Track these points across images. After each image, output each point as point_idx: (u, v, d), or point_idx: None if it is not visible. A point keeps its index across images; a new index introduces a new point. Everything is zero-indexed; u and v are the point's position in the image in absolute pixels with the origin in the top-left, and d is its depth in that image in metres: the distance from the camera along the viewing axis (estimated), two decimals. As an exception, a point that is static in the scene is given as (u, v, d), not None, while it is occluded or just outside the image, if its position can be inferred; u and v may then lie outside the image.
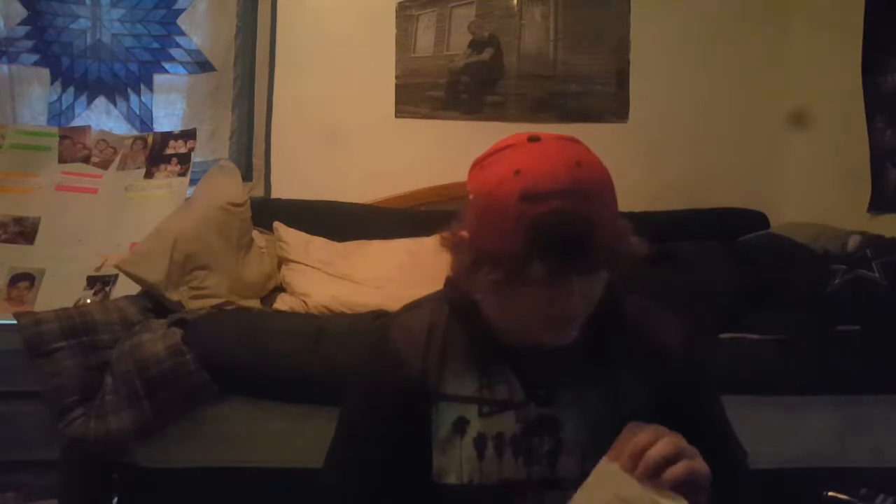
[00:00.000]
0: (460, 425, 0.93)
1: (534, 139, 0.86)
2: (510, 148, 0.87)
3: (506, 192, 0.81)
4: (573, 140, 0.88)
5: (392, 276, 2.40)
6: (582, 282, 0.84)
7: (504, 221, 0.81)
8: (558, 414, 0.93)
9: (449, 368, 0.95)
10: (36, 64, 2.81)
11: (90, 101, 2.88)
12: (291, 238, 2.57)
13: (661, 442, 0.79)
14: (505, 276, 0.83)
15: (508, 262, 0.82)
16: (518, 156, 0.85)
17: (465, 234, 0.89)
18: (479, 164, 0.89)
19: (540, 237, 0.79)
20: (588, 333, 0.90)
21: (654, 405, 0.92)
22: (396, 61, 3.07)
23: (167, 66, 2.93)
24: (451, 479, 0.92)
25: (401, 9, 3.06)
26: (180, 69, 2.94)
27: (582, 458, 0.91)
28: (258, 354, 1.78)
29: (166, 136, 2.68)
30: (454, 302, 0.99)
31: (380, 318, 1.91)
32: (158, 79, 2.93)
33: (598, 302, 0.89)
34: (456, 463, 0.93)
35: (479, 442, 0.93)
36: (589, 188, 0.82)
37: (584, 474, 0.86)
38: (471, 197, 0.87)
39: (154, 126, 2.90)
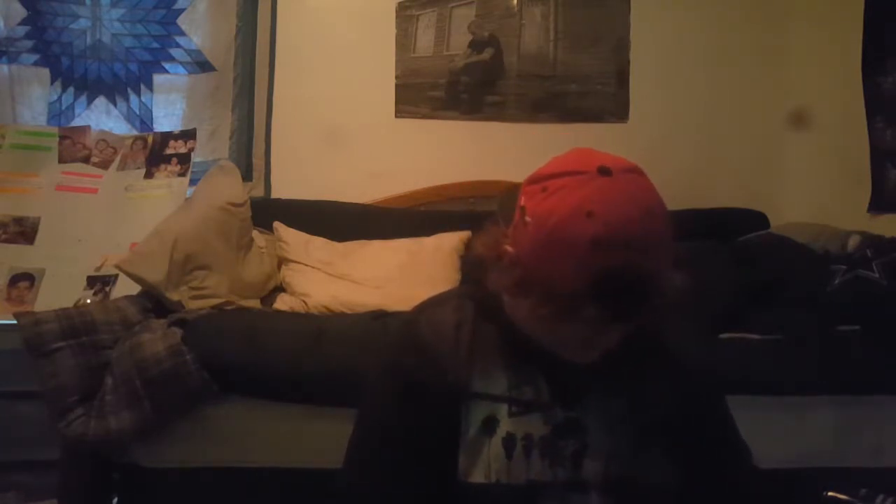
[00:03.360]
0: (490, 424, 0.93)
1: (604, 171, 0.82)
2: (578, 177, 0.82)
3: (576, 233, 0.79)
4: (640, 174, 0.85)
5: (392, 276, 2.40)
6: (625, 325, 0.85)
7: (569, 262, 0.79)
8: (583, 418, 0.93)
9: (478, 366, 0.95)
10: (36, 64, 2.81)
11: (90, 101, 2.88)
12: (291, 238, 2.57)
13: None
14: (554, 311, 0.83)
15: (562, 300, 0.81)
16: (589, 193, 0.81)
17: (510, 249, 0.86)
18: (541, 186, 0.84)
19: (603, 286, 0.79)
20: (614, 347, 0.90)
21: (673, 415, 0.94)
22: (396, 61, 3.07)
23: (167, 66, 2.93)
24: (478, 478, 0.91)
25: (401, 9, 3.06)
26: (180, 69, 2.94)
27: (606, 463, 0.92)
28: (258, 354, 1.78)
29: (166, 136, 2.68)
30: (481, 302, 0.98)
31: (379, 318, 1.93)
32: (158, 79, 2.93)
33: None
34: (484, 461, 0.92)
35: (508, 442, 0.92)
36: (658, 241, 0.81)
37: (608, 478, 0.89)
38: (528, 220, 0.83)
39: (154, 126, 2.89)
